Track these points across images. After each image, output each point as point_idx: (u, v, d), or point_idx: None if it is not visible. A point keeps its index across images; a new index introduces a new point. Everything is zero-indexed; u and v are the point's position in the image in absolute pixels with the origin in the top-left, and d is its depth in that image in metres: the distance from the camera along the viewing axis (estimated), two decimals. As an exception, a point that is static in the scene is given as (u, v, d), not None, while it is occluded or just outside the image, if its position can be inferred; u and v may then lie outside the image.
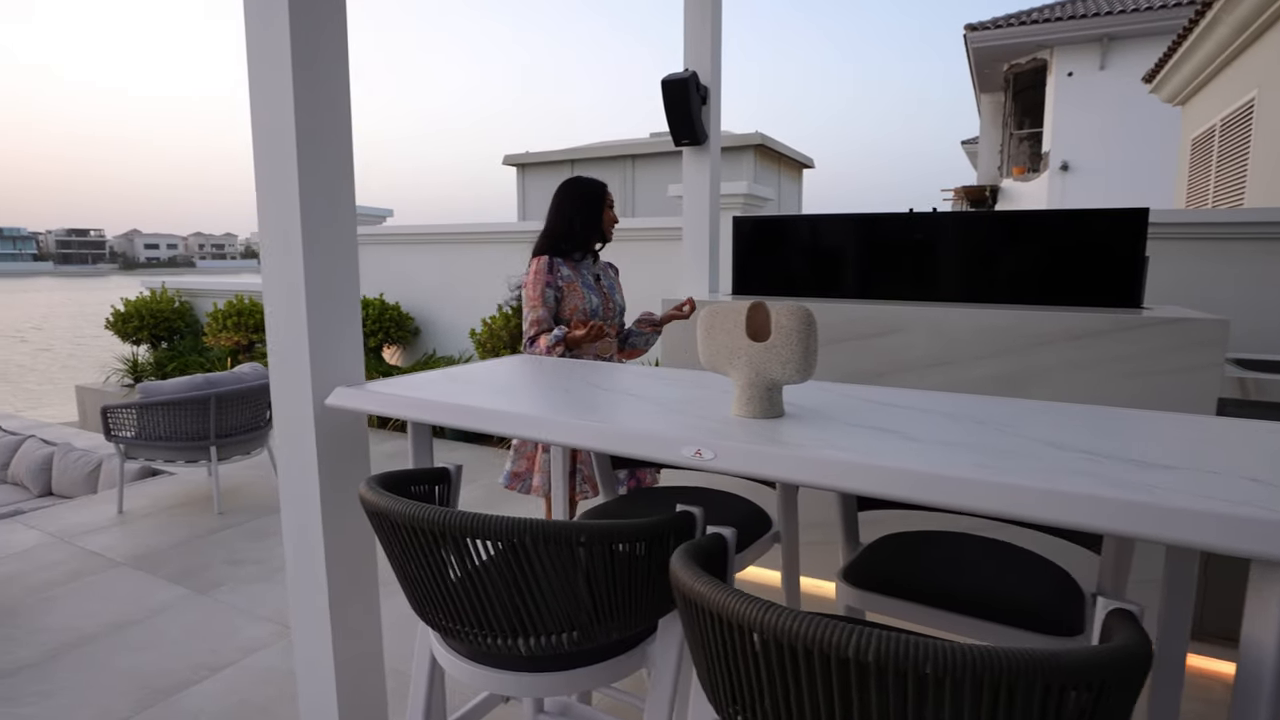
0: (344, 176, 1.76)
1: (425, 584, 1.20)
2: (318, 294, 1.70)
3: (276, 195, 1.68)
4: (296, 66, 1.61)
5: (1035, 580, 1.48)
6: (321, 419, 1.74)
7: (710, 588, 0.91)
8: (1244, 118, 6.50)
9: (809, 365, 1.28)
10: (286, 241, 1.68)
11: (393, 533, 1.19)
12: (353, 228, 1.80)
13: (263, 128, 1.67)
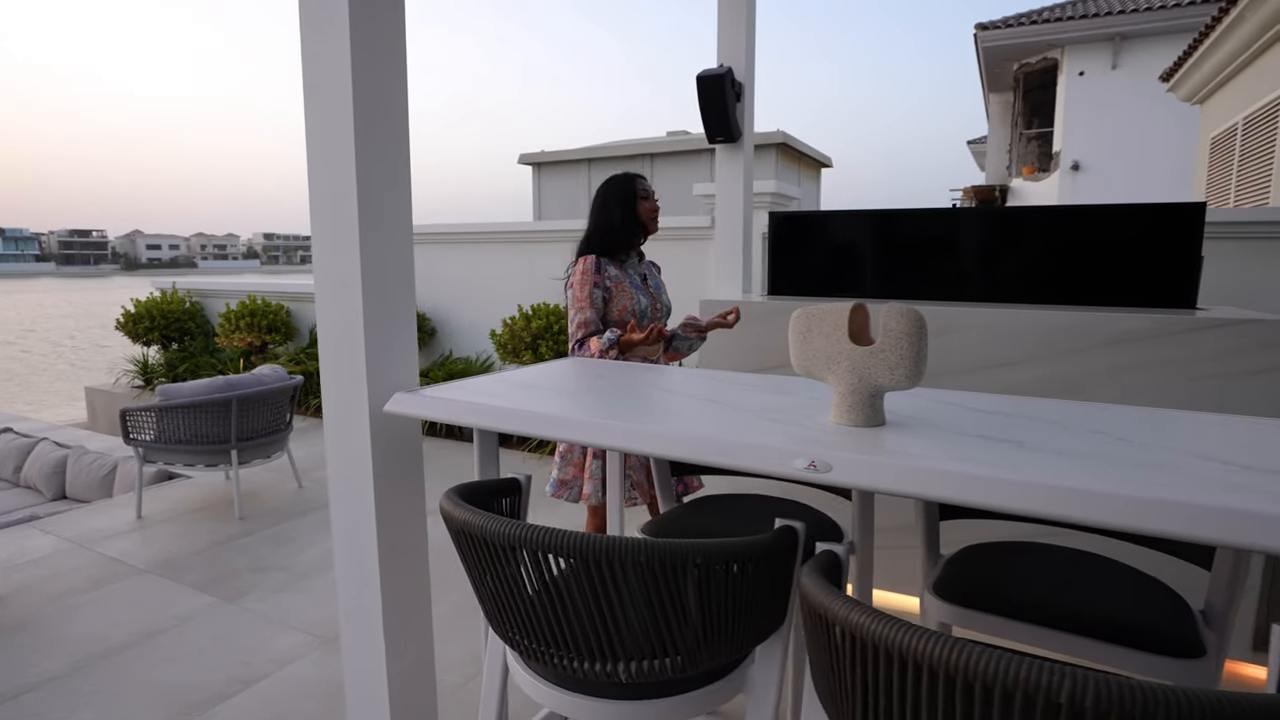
0: (401, 172, 1.68)
1: (510, 604, 1.12)
2: (374, 296, 1.63)
3: (332, 192, 1.60)
4: (355, 48, 1.53)
5: (1140, 596, 1.40)
6: (378, 425, 1.66)
7: (863, 613, 0.83)
8: (1269, 116, 6.42)
9: (919, 371, 1.20)
10: (342, 240, 1.60)
11: (480, 549, 1.11)
12: (409, 227, 1.72)
13: (318, 123, 1.59)
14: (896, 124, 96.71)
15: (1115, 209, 2.95)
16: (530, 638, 1.14)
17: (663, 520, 1.80)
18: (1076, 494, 0.96)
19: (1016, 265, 2.94)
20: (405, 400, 1.56)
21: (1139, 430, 1.26)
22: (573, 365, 1.97)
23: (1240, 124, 7.10)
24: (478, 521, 1.08)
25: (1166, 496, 0.94)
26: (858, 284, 3.21)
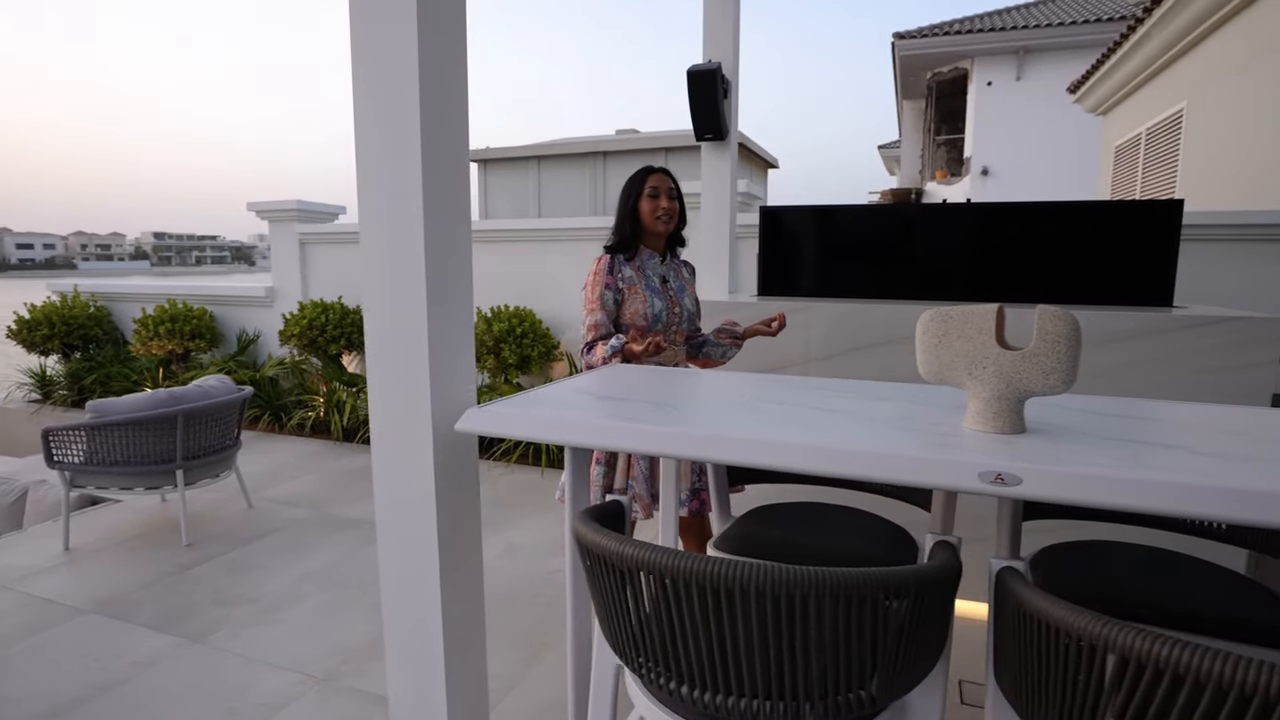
0: (463, 171, 1.52)
1: (673, 644, 1.01)
2: (438, 303, 1.46)
3: (391, 192, 1.42)
4: (422, 30, 1.36)
5: (1233, 591, 1.43)
6: (442, 446, 1.49)
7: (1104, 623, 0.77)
8: (1172, 127, 6.95)
9: (1074, 375, 1.16)
10: (403, 247, 1.43)
11: (656, 586, 0.99)
12: (469, 231, 1.56)
13: (375, 110, 1.41)
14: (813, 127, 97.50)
15: (1099, 205, 3.07)
16: (693, 682, 1.02)
17: (743, 536, 1.70)
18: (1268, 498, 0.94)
19: (1009, 263, 3.02)
20: (479, 417, 1.40)
21: (1264, 429, 1.27)
22: (651, 373, 1.84)
23: (1144, 134, 7.66)
24: (660, 559, 0.95)
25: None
26: (854, 283, 3.21)
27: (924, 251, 3.13)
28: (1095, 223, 2.91)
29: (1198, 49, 6.46)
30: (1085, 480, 1.02)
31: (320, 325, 5.34)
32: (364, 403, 5.38)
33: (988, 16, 13.46)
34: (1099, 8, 12.83)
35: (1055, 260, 2.95)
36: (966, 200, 3.32)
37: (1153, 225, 2.84)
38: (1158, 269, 2.85)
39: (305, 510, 3.98)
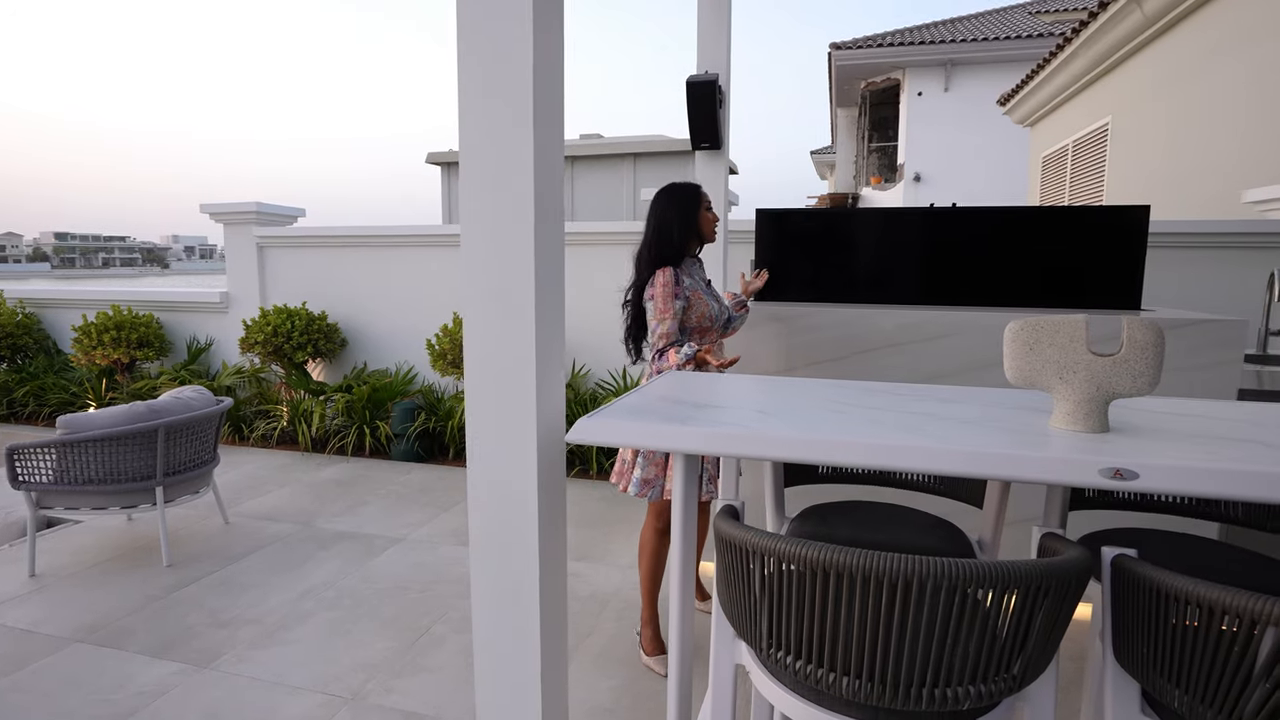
0: (560, 176, 1.54)
1: (838, 633, 1.06)
2: (544, 310, 1.47)
3: (501, 199, 1.43)
4: (538, 30, 1.38)
5: (1275, 571, 1.59)
6: (544, 459, 1.50)
7: None
8: (1098, 139, 7.47)
9: (1159, 378, 1.28)
10: (511, 255, 1.43)
11: (835, 582, 1.04)
12: (563, 234, 1.57)
13: (489, 116, 1.41)
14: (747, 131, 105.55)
15: (1071, 211, 3.28)
16: (842, 669, 1.08)
17: (816, 535, 1.77)
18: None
19: (991, 268, 3.18)
20: (591, 428, 1.42)
21: (1305, 424, 1.43)
22: (703, 379, 1.89)
23: (1071, 145, 8.19)
24: (834, 556, 1.01)
25: None
26: (848, 287, 3.31)
27: (911, 255, 3.25)
28: (1068, 228, 3.11)
29: (1121, 68, 6.97)
30: (1195, 472, 1.13)
31: (286, 332, 5.14)
32: (333, 411, 5.22)
33: (918, 30, 14.08)
34: (1019, 26, 13.63)
35: (1033, 265, 3.13)
36: (952, 204, 3.53)
37: (1121, 230, 3.06)
38: (1127, 273, 3.09)
39: (291, 525, 3.84)
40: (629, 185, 8.13)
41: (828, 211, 3.38)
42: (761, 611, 1.15)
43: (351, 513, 4.02)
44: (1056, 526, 1.77)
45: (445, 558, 3.43)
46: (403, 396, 5.28)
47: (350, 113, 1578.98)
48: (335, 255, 5.64)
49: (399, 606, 2.96)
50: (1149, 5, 5.91)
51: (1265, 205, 4.12)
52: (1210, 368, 2.72)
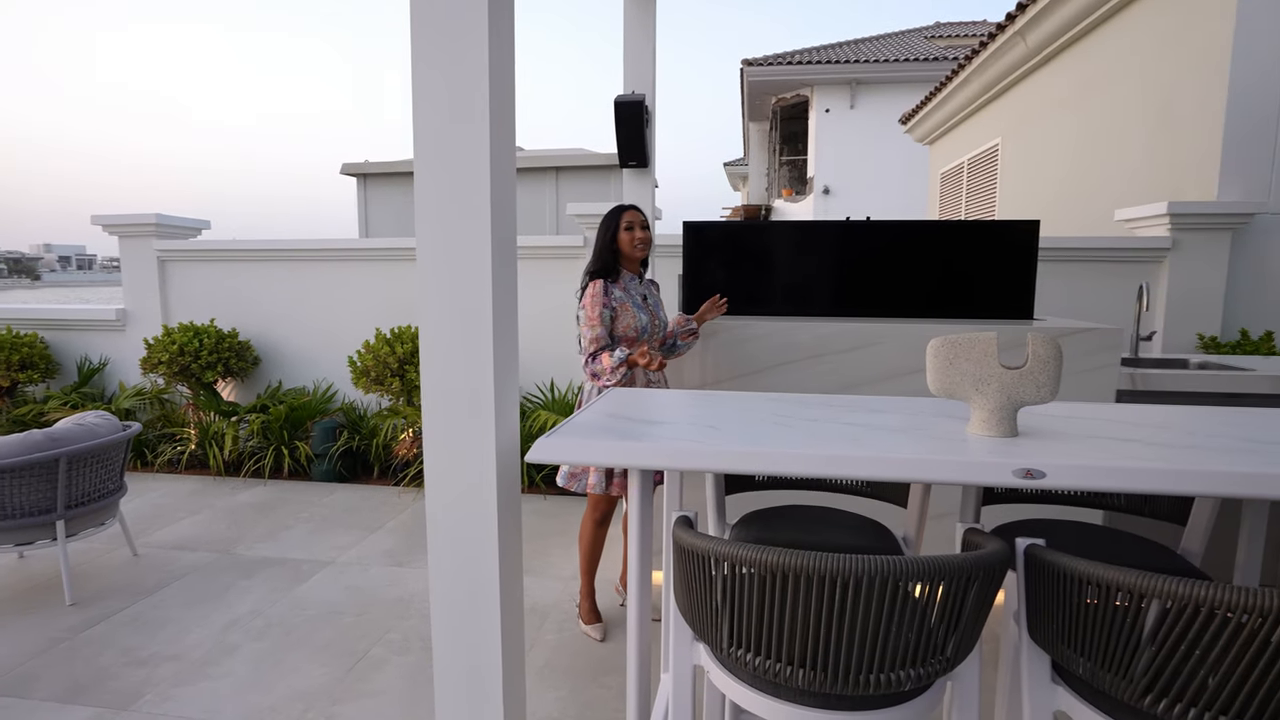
0: (513, 185, 1.58)
1: (784, 632, 1.16)
2: (501, 328, 1.51)
3: (459, 214, 1.46)
4: (493, 47, 1.42)
5: (1152, 551, 1.80)
6: (504, 480, 1.54)
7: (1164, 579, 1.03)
8: (990, 159, 8.05)
9: (1058, 387, 1.45)
10: (467, 268, 1.47)
11: (785, 584, 1.13)
12: (514, 249, 1.61)
13: (441, 136, 1.45)
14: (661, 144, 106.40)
15: (974, 225, 3.52)
16: (798, 662, 1.18)
17: (759, 540, 1.87)
18: (1244, 477, 1.26)
19: (901, 280, 3.39)
20: (549, 448, 1.46)
21: (1191, 425, 1.63)
22: (646, 395, 1.96)
23: (966, 163, 8.79)
24: (782, 559, 1.10)
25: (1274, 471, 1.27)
26: (771, 299, 3.45)
27: (829, 266, 3.43)
28: (969, 241, 3.35)
29: (1009, 94, 7.55)
30: (1092, 470, 1.29)
31: (193, 351, 4.89)
32: (248, 432, 5.01)
33: (825, 49, 14.75)
34: (918, 49, 14.49)
35: (939, 278, 3.37)
36: (866, 218, 3.73)
37: (1015, 245, 3.33)
38: (1021, 286, 3.37)
39: (208, 554, 3.66)
40: (551, 199, 8.15)
41: (753, 224, 3.53)
42: (723, 614, 1.23)
43: (274, 537, 3.88)
44: (974, 521, 1.95)
45: (379, 579, 3.36)
46: (323, 415, 5.12)
47: (259, 122, 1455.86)
48: (246, 270, 5.41)
49: (334, 632, 2.89)
50: (1032, 38, 6.44)
51: (1134, 223, 4.57)
52: (1093, 371, 3.01)
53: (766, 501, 2.39)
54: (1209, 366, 3.40)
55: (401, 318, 5.16)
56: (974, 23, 16.49)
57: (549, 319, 4.84)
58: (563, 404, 4.84)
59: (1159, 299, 4.39)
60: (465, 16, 1.41)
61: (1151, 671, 1.11)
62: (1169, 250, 4.33)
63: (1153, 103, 4.97)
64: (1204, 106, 4.42)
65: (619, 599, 3.12)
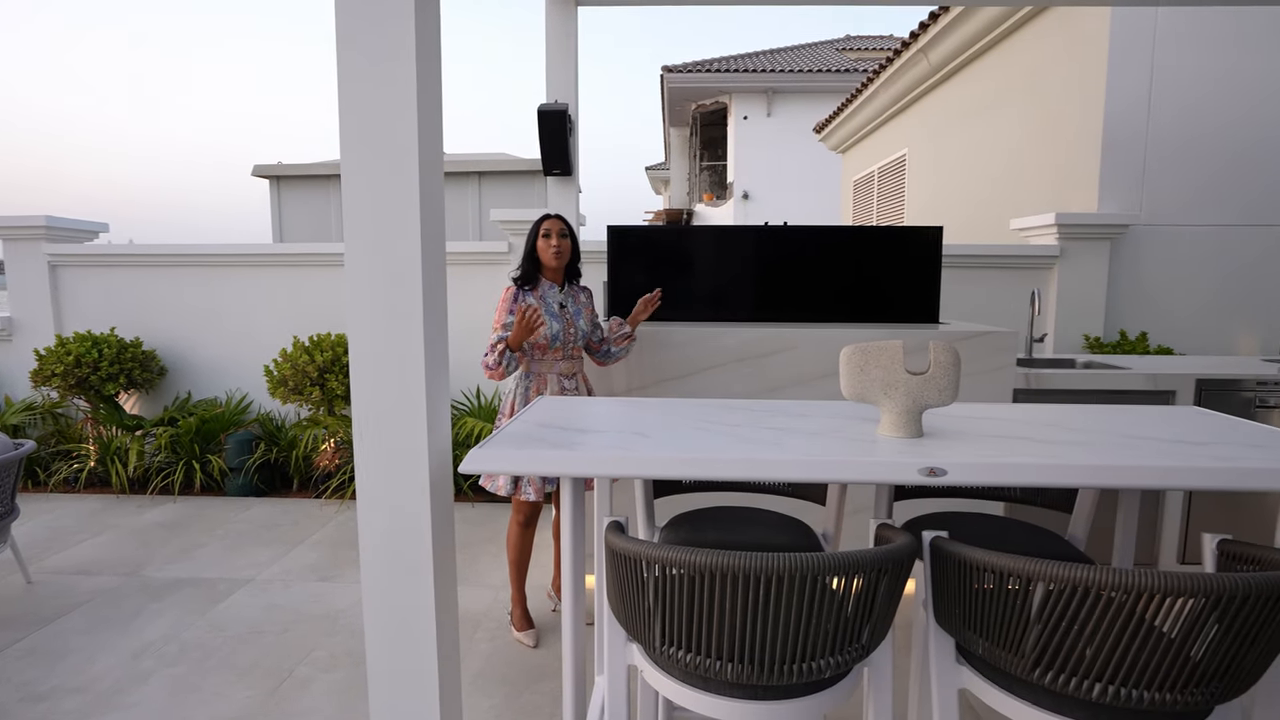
0: (441, 191, 1.59)
1: (723, 627, 1.23)
2: (433, 337, 1.52)
3: (388, 220, 1.46)
4: (420, 59, 1.44)
5: (1041, 537, 1.97)
6: (437, 487, 1.55)
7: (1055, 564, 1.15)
8: (898, 169, 8.47)
9: (958, 390, 1.58)
10: (398, 276, 1.47)
11: (716, 584, 1.20)
12: (443, 257, 1.62)
13: (370, 143, 1.45)
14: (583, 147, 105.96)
15: (882, 231, 3.72)
16: (727, 657, 1.25)
17: (689, 541, 1.94)
18: (1116, 469, 1.41)
19: (816, 285, 3.53)
20: (482, 458, 1.49)
21: (1075, 421, 1.80)
22: (576, 404, 2.00)
23: (876, 172, 9.21)
24: (713, 560, 1.17)
25: (1151, 464, 1.43)
26: (693, 303, 3.53)
27: (749, 270, 3.53)
28: (879, 247, 3.53)
29: (914, 107, 7.96)
30: (987, 467, 1.42)
31: (92, 362, 4.61)
32: (154, 447, 4.75)
33: (742, 58, 15.12)
34: (829, 60, 15.04)
35: (851, 283, 3.53)
36: (784, 222, 3.89)
37: (921, 251, 3.52)
38: (927, 292, 3.59)
39: (113, 577, 3.47)
40: (474, 204, 8.04)
41: (675, 229, 3.63)
42: (655, 615, 1.29)
43: (186, 557, 3.70)
44: (886, 517, 2.08)
45: (302, 595, 3.27)
46: (237, 427, 4.91)
47: (164, 120, 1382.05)
48: (149, 276, 5.14)
49: (256, 652, 2.80)
50: (933, 56, 6.82)
51: (1027, 232, 4.92)
52: (992, 371, 3.24)
53: (694, 503, 2.47)
54: (1093, 366, 3.70)
55: (320, 325, 5.01)
56: (882, 37, 17.25)
57: (473, 325, 4.80)
58: (489, 410, 4.82)
59: (1050, 302, 4.75)
60: (392, 18, 1.41)
61: (1039, 647, 1.24)
62: (1058, 258, 4.68)
63: (1041, 121, 5.36)
64: (1084, 126, 4.81)
65: (551, 605, 3.14)
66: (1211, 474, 1.41)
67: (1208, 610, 1.13)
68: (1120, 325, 4.77)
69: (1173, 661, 1.16)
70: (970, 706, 2.35)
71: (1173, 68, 4.61)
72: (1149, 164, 4.67)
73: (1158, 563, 3.35)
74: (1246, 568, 1.37)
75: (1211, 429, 1.75)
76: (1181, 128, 4.65)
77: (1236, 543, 1.40)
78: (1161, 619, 1.14)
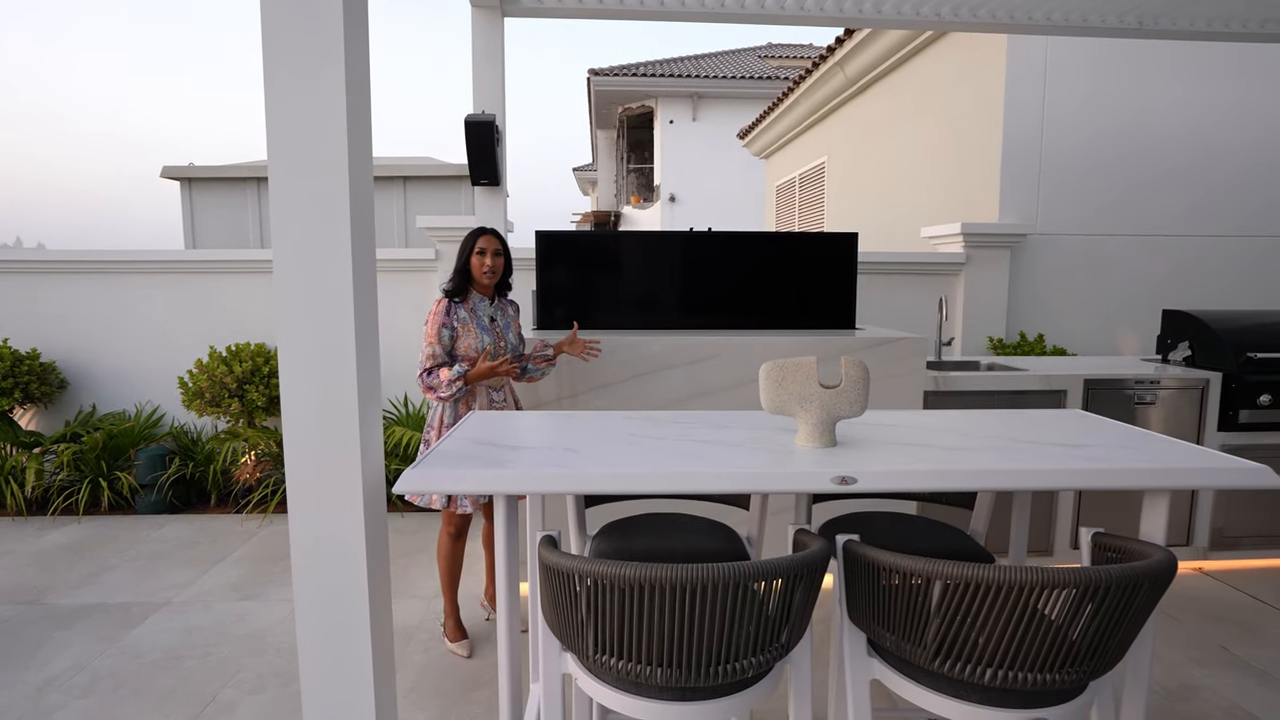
0: (371, 200, 1.60)
1: (653, 634, 1.30)
2: (365, 347, 1.54)
3: (318, 225, 1.47)
4: (350, 63, 1.45)
5: (946, 534, 2.13)
6: (369, 503, 1.57)
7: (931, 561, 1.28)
8: (818, 175, 8.79)
9: (866, 402, 1.71)
10: (329, 284, 1.48)
11: (654, 595, 1.27)
12: (374, 265, 1.63)
13: (299, 151, 1.45)
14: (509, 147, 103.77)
15: (802, 237, 3.87)
16: (657, 662, 1.33)
17: (619, 550, 2.01)
18: (1005, 473, 1.56)
19: (741, 290, 3.65)
20: (416, 478, 1.52)
21: (970, 427, 1.96)
22: (504, 418, 2.04)
23: (798, 178, 9.52)
24: (645, 573, 1.24)
25: (1036, 467, 1.59)
26: (622, 309, 3.59)
27: (675, 276, 3.61)
28: (799, 253, 3.67)
29: (832, 117, 8.27)
30: (893, 475, 1.55)
31: (-20, 376, 4.32)
32: (55, 465, 4.49)
33: (667, 63, 15.30)
34: (752, 67, 15.41)
35: (774, 289, 3.67)
36: (709, 228, 3.99)
37: (838, 259, 3.69)
38: (843, 299, 3.77)
39: (11, 606, 3.27)
40: (399, 209, 7.87)
41: (604, 234, 3.69)
42: (588, 625, 1.35)
43: (94, 581, 3.53)
44: (804, 522, 2.20)
45: (224, 616, 3.17)
46: (149, 441, 4.69)
47: (63, 117, 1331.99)
48: (46, 284, 4.84)
49: (175, 678, 2.71)
50: (849, 69, 7.12)
51: (936, 240, 5.22)
52: (904, 375, 3.44)
53: (624, 511, 2.55)
54: (995, 368, 3.97)
55: (239, 334, 4.84)
56: (802, 45, 17.77)
57: (402, 334, 4.74)
58: (417, 419, 4.77)
59: (957, 307, 5.05)
60: (321, 20, 1.41)
61: (939, 638, 1.36)
62: (964, 265, 4.99)
63: (948, 134, 5.69)
64: (987, 142, 5.14)
65: (484, 614, 3.16)
66: (1086, 475, 1.58)
67: (1082, 598, 1.27)
68: (1020, 327, 5.12)
69: (1054, 644, 1.30)
70: (886, 694, 2.51)
71: (1063, 91, 4.98)
72: (1043, 178, 5.03)
73: (1053, 550, 3.63)
74: (1115, 557, 1.54)
75: (1089, 431, 1.94)
76: (1070, 146, 5.03)
77: (1107, 535, 1.57)
78: (1048, 607, 1.28)
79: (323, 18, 1.42)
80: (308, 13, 1.42)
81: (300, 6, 1.42)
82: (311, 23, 1.42)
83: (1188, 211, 5.18)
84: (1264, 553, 3.73)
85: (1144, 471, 1.59)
